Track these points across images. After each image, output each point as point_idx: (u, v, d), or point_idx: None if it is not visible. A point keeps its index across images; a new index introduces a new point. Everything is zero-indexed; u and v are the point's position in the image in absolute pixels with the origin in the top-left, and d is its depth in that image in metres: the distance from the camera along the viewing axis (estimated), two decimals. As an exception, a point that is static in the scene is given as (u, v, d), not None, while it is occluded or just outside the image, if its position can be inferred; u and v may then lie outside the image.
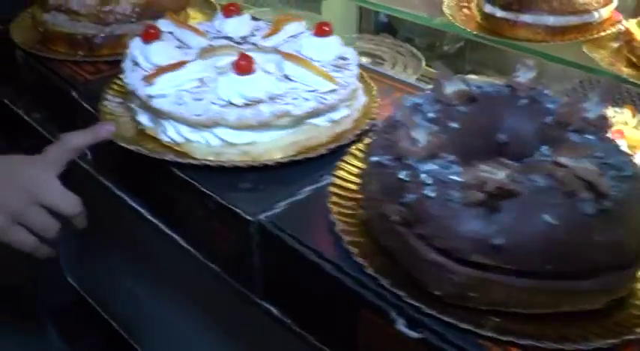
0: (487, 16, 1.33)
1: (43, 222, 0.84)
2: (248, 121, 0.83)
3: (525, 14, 1.28)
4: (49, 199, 0.84)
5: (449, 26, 1.39)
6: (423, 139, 0.69)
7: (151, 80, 0.86)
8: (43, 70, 1.13)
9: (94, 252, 1.50)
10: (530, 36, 1.29)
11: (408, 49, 1.95)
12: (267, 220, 0.78)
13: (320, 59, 0.94)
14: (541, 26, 1.28)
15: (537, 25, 1.28)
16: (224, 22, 1.02)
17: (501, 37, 1.32)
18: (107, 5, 1.13)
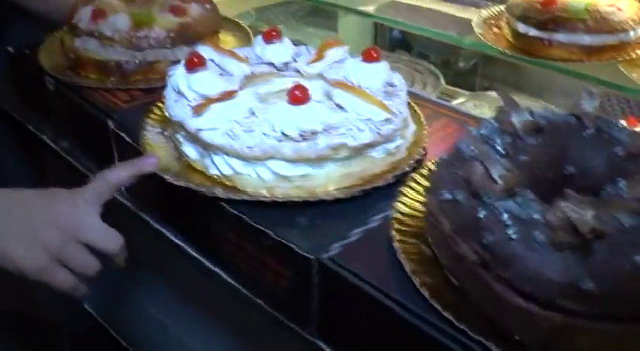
0: (520, 35, 1.31)
1: (83, 261, 0.82)
2: (305, 155, 0.79)
3: (560, 33, 1.26)
4: (90, 237, 0.82)
5: (480, 45, 1.37)
6: (499, 175, 0.66)
7: (199, 112, 0.83)
8: (74, 97, 1.09)
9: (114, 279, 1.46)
10: (565, 55, 1.27)
11: (425, 66, 1.93)
12: (327, 258, 0.75)
13: (369, 86, 0.91)
14: (576, 46, 1.26)
15: (572, 44, 1.26)
16: (265, 48, 0.99)
17: (535, 57, 1.30)
18: (141, 31, 1.09)
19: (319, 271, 0.75)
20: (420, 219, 0.79)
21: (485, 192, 0.65)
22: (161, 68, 1.12)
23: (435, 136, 0.97)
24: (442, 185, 0.72)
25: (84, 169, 1.11)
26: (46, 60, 1.18)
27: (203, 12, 1.17)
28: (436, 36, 1.44)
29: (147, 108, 1.02)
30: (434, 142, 0.95)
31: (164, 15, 1.14)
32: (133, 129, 0.98)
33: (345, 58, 1.00)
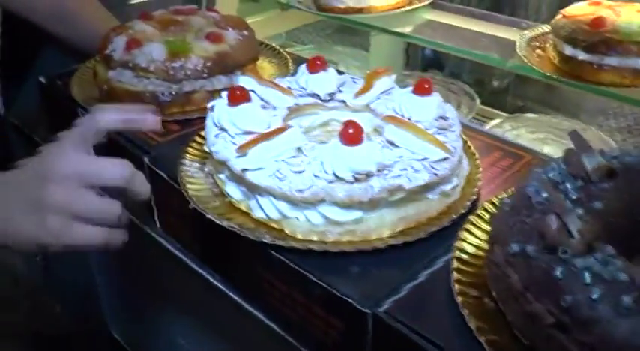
0: (567, 59, 1.25)
1: (99, 204, 0.76)
2: (358, 198, 0.74)
3: (611, 57, 1.20)
4: (94, 176, 0.75)
5: (524, 69, 1.31)
6: (576, 227, 0.61)
7: (244, 151, 0.78)
8: (108, 130, 1.05)
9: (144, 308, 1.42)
10: (617, 80, 1.21)
11: (459, 86, 1.88)
12: (383, 311, 0.69)
13: (421, 120, 0.86)
14: (628, 70, 1.20)
15: (624, 68, 1.20)
16: (309, 78, 0.94)
17: (584, 81, 1.24)
18: (177, 60, 1.05)
19: (374, 325, 0.70)
20: (480, 267, 0.74)
21: (561, 247, 0.60)
22: (198, 99, 1.08)
23: (488, 172, 0.92)
24: (508, 235, 0.67)
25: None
26: (78, 91, 1.14)
27: (241, 39, 1.13)
28: (478, 58, 1.39)
29: (184, 142, 0.97)
30: (487, 178, 0.90)
31: (200, 43, 1.09)
32: (169, 165, 0.94)
33: (392, 87, 0.95)
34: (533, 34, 1.38)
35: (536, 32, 1.39)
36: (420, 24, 1.55)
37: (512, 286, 0.65)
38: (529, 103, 1.97)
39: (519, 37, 1.36)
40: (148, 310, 1.35)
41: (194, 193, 0.85)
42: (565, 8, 1.32)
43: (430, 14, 1.57)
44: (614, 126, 2.03)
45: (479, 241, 0.77)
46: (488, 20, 1.53)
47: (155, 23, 1.15)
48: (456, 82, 1.88)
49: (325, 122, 0.96)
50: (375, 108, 0.92)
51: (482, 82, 1.99)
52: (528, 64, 1.29)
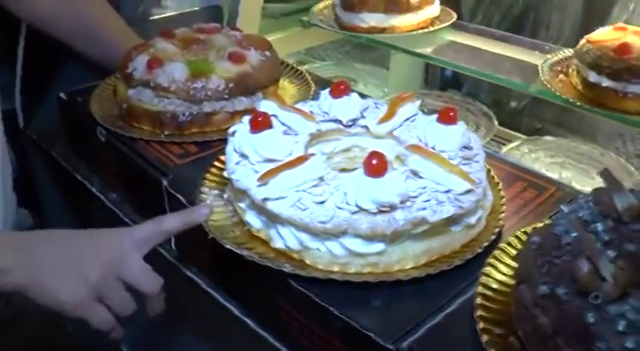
0: (591, 85, 1.23)
1: (122, 297, 0.80)
2: (382, 231, 0.73)
3: (637, 85, 1.17)
4: (131, 275, 0.80)
5: (546, 94, 1.29)
6: (609, 271, 0.59)
7: (266, 180, 0.77)
8: (125, 150, 1.04)
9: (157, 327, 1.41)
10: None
11: (478, 107, 1.86)
12: (407, 347, 0.68)
13: (445, 149, 0.84)
14: (654, 98, 1.17)
15: (649, 96, 1.17)
16: (332, 104, 0.93)
17: (607, 109, 1.22)
18: (198, 81, 1.04)
19: (398, 361, 0.68)
20: (505, 304, 0.72)
21: (593, 292, 0.58)
22: (218, 120, 1.06)
23: (511, 203, 0.90)
24: (537, 275, 0.65)
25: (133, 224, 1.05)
26: (97, 109, 1.13)
27: (263, 59, 1.12)
28: (500, 82, 1.37)
29: (203, 164, 0.96)
30: (510, 210, 0.88)
31: (222, 63, 1.08)
32: (187, 188, 0.93)
33: (416, 114, 0.94)
34: (556, 59, 1.36)
35: (559, 56, 1.37)
36: (442, 45, 1.54)
37: (540, 328, 0.63)
38: (546, 124, 1.95)
39: (542, 61, 1.35)
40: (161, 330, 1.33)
41: (213, 222, 0.84)
42: (590, 33, 1.30)
43: (452, 35, 1.55)
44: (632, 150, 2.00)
45: (503, 277, 0.75)
46: (510, 42, 1.51)
47: (177, 41, 1.14)
48: (474, 102, 1.86)
49: (347, 148, 0.95)
50: (398, 135, 0.91)
51: (500, 102, 1.97)
52: (551, 89, 1.27)
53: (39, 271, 0.76)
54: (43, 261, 0.77)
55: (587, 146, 1.61)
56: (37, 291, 0.77)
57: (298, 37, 1.71)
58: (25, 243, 0.80)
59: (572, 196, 0.92)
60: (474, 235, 0.81)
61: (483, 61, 1.45)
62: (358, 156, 0.95)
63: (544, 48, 1.45)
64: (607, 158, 1.53)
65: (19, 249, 0.78)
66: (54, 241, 0.81)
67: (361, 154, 0.94)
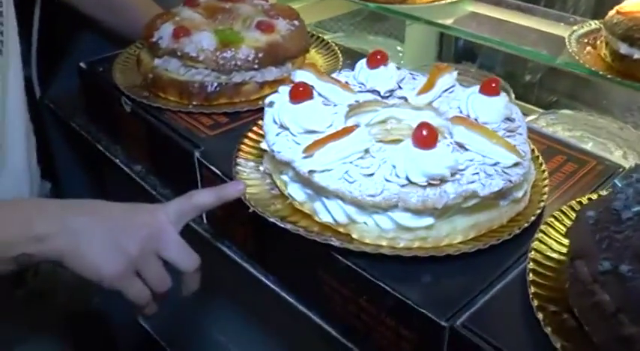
0: (621, 57, 1.21)
1: (159, 273, 0.79)
2: (432, 204, 0.71)
3: (670, 57, 1.15)
4: (169, 252, 0.79)
5: (575, 67, 1.27)
6: (677, 247, 0.57)
7: (311, 152, 0.75)
8: (153, 121, 1.02)
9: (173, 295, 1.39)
10: (674, 79, 1.17)
11: (494, 80, 1.83)
12: (461, 325, 0.66)
13: (488, 121, 0.82)
14: (687, 71, 1.15)
15: (683, 68, 1.15)
16: (369, 74, 0.91)
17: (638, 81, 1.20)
18: (227, 50, 1.01)
19: (451, 338, 0.67)
20: (557, 281, 0.71)
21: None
22: (247, 90, 1.04)
23: (552, 177, 0.88)
24: (596, 251, 0.63)
25: (159, 197, 1.04)
26: (121, 79, 1.10)
27: (292, 29, 1.09)
28: (526, 54, 1.35)
29: (234, 135, 0.94)
30: (552, 184, 0.87)
31: (251, 33, 1.05)
32: (221, 160, 0.91)
33: (454, 85, 0.92)
34: (583, 31, 1.34)
35: (586, 29, 1.34)
36: (464, 16, 1.51)
37: (601, 306, 0.62)
38: (560, 97, 1.93)
39: (568, 33, 1.32)
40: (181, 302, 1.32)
41: (252, 195, 0.82)
42: (620, 4, 1.27)
43: (473, 6, 1.52)
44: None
45: (553, 253, 0.74)
46: (534, 14, 1.48)
47: (202, 10, 1.11)
48: (489, 75, 1.83)
49: (383, 120, 0.92)
50: (437, 107, 0.89)
51: (515, 75, 1.94)
52: (579, 61, 1.24)
53: (78, 240, 0.75)
54: (84, 230, 0.75)
55: (605, 120, 1.59)
56: (75, 260, 0.75)
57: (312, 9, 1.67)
58: (64, 211, 0.77)
59: (613, 169, 0.90)
60: (519, 209, 0.80)
61: (507, 33, 1.42)
62: (395, 128, 0.93)
63: (569, 20, 1.42)
64: (626, 132, 1.51)
65: (59, 216, 0.76)
66: (94, 211, 0.79)
67: (398, 126, 0.93)
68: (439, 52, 2.01)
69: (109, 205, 0.81)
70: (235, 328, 1.21)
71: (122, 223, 0.78)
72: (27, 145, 0.98)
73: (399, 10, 1.48)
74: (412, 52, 1.90)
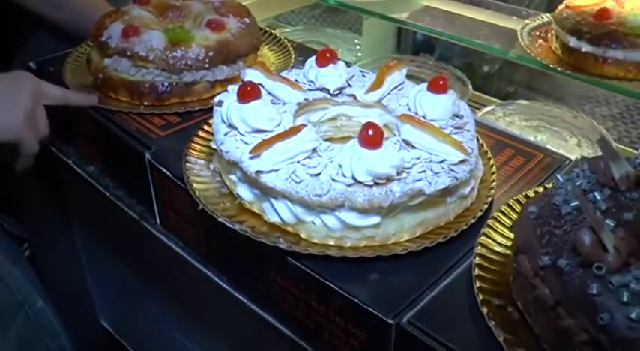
0: (570, 50, 1.23)
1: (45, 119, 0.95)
2: (379, 203, 0.72)
3: (616, 50, 1.18)
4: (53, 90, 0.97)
5: (526, 60, 1.29)
6: (611, 242, 0.59)
7: (258, 152, 0.75)
8: (104, 121, 1.01)
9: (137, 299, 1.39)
10: (621, 73, 1.20)
11: (451, 71, 1.85)
12: (407, 322, 0.67)
13: (437, 119, 0.83)
14: (634, 63, 1.18)
15: (629, 61, 1.18)
16: (319, 72, 0.91)
17: (587, 73, 1.22)
18: (177, 49, 1.00)
19: (398, 335, 0.68)
20: (502, 274, 0.72)
21: (596, 263, 0.58)
22: (198, 89, 1.04)
23: (500, 171, 0.90)
24: (537, 246, 0.65)
25: (114, 199, 1.03)
26: (71, 79, 1.09)
27: (243, 27, 1.08)
28: (479, 48, 1.36)
29: (185, 135, 0.94)
30: (499, 178, 0.88)
31: (201, 31, 1.05)
32: (172, 160, 0.91)
33: (403, 82, 0.93)
34: (534, 24, 1.36)
35: (538, 22, 1.37)
36: (418, 10, 1.52)
37: (541, 299, 0.63)
38: (518, 88, 1.96)
39: (520, 27, 1.34)
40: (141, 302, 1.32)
41: (202, 193, 0.82)
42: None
43: (427, 0, 1.53)
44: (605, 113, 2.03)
45: (499, 248, 0.75)
46: (487, 7, 1.50)
47: (152, 8, 1.10)
48: (447, 66, 1.84)
49: (334, 117, 0.93)
50: (386, 104, 0.89)
51: (473, 66, 1.97)
52: (531, 54, 1.26)
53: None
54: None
55: (560, 109, 1.62)
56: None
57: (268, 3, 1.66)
58: None
59: (560, 162, 0.92)
60: (467, 206, 0.81)
61: (461, 27, 1.43)
62: (345, 125, 0.94)
63: (521, 13, 1.44)
64: (580, 121, 1.54)
65: None
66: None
67: (347, 123, 0.94)
68: (397, 44, 2.02)
69: None
70: (192, 326, 1.21)
71: (8, 82, 0.93)
72: None
73: (354, 4, 1.49)
74: (370, 45, 1.90)
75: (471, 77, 1.76)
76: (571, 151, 1.36)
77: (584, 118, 1.56)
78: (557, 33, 1.27)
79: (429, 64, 1.90)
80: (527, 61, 1.30)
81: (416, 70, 1.84)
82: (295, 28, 1.99)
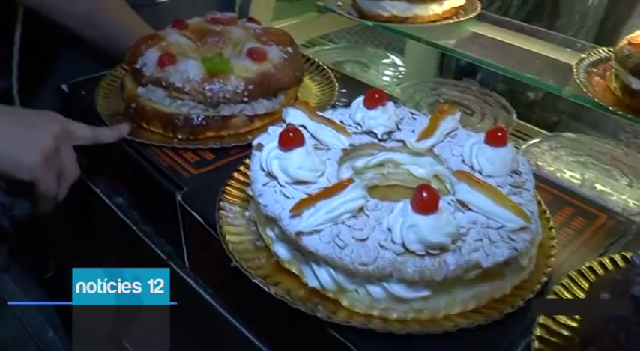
0: (632, 92, 1.15)
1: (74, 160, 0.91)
2: (430, 276, 0.65)
3: (684, 94, 1.09)
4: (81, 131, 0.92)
5: (582, 99, 1.21)
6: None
7: (299, 211, 0.69)
8: (134, 155, 0.95)
9: None
10: (685, 119, 1.11)
11: (496, 98, 1.77)
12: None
13: (493, 175, 0.76)
14: (702, 107, 1.09)
15: (697, 107, 1.09)
16: (367, 115, 0.85)
17: (649, 118, 1.14)
18: (215, 81, 0.94)
19: None
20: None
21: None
22: (236, 124, 0.98)
23: (560, 233, 0.82)
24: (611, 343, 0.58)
25: (141, 234, 0.97)
26: (103, 105, 1.03)
27: (285, 57, 1.02)
28: (532, 82, 1.29)
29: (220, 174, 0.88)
30: (559, 240, 0.81)
31: (241, 61, 0.99)
32: (204, 203, 0.84)
33: (457, 128, 0.86)
34: (591, 60, 1.27)
35: (595, 57, 1.28)
36: (466, 37, 1.45)
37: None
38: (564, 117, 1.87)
39: (576, 62, 1.26)
40: None
41: (235, 246, 0.76)
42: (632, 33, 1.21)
43: (477, 27, 1.46)
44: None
45: (560, 328, 0.68)
46: (539, 37, 1.42)
47: (190, 33, 1.05)
48: (492, 93, 1.77)
49: (380, 163, 0.87)
50: (439, 153, 0.83)
51: (516, 93, 1.89)
52: (587, 93, 1.18)
53: None
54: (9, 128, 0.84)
55: (610, 145, 1.53)
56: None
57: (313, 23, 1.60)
58: None
59: (626, 226, 0.84)
60: (525, 276, 0.74)
61: (511, 58, 1.36)
62: (392, 173, 0.88)
63: (576, 45, 1.36)
64: (631, 158, 1.46)
65: None
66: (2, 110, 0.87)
67: (395, 170, 0.87)
68: (440, 67, 1.95)
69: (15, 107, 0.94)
70: None
71: (33, 120, 0.86)
72: None
73: (399, 29, 1.42)
74: (412, 67, 1.84)
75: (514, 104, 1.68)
76: (621, 192, 1.28)
77: (636, 155, 1.48)
78: (617, 72, 1.19)
79: (472, 89, 1.82)
80: (583, 101, 1.22)
81: (458, 95, 1.77)
82: (337, 46, 1.93)
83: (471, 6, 1.49)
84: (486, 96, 1.77)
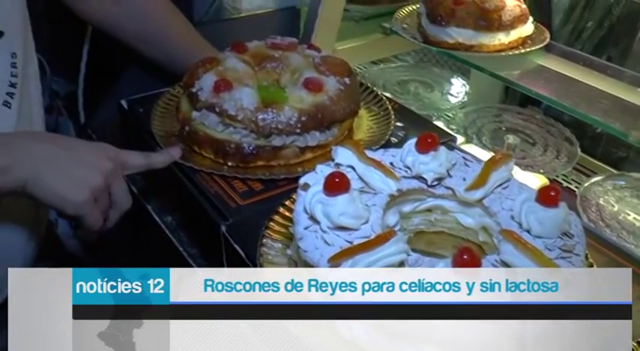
0: None
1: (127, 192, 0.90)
2: (466, 343, 0.63)
3: None
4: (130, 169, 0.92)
5: (651, 151, 1.16)
6: None
7: (338, 261, 0.68)
8: (184, 180, 0.96)
9: None
10: None
11: (560, 129, 1.72)
12: None
13: (543, 236, 0.74)
14: None
15: None
16: (417, 159, 0.83)
17: None
18: (269, 111, 0.94)
19: None
20: None
21: None
22: (287, 154, 0.97)
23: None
24: None
25: (186, 255, 0.98)
26: (158, 125, 1.05)
27: (342, 88, 1.01)
28: (596, 124, 1.24)
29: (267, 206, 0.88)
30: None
31: (297, 91, 0.98)
32: (249, 236, 0.84)
33: (509, 179, 0.83)
34: (663, 100, 1.22)
35: (666, 97, 1.23)
36: (532, 69, 1.41)
37: None
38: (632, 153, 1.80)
39: (645, 103, 1.21)
40: None
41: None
42: None
43: (543, 59, 1.42)
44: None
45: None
46: (609, 74, 1.36)
47: (249, 58, 1.05)
48: (556, 124, 1.72)
49: (428, 208, 0.85)
50: (488, 205, 0.80)
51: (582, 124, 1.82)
52: (658, 145, 1.13)
53: (41, 168, 0.78)
54: (46, 158, 0.80)
55: (678, 186, 1.47)
56: (39, 188, 0.79)
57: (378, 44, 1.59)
58: (25, 141, 0.81)
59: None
60: None
61: (577, 95, 1.31)
62: (439, 219, 0.86)
63: (644, 82, 1.31)
64: None
65: (20, 147, 0.79)
66: (55, 140, 0.84)
67: (442, 217, 0.86)
68: (505, 92, 1.91)
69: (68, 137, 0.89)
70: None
71: (83, 154, 0.84)
72: None
73: (463, 57, 1.39)
74: (477, 91, 1.81)
75: (579, 136, 1.63)
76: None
77: None
78: (694, 119, 1.14)
79: (536, 118, 1.78)
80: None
81: (521, 123, 1.73)
82: (402, 64, 1.91)
83: (539, 35, 1.45)
84: (550, 126, 1.73)
